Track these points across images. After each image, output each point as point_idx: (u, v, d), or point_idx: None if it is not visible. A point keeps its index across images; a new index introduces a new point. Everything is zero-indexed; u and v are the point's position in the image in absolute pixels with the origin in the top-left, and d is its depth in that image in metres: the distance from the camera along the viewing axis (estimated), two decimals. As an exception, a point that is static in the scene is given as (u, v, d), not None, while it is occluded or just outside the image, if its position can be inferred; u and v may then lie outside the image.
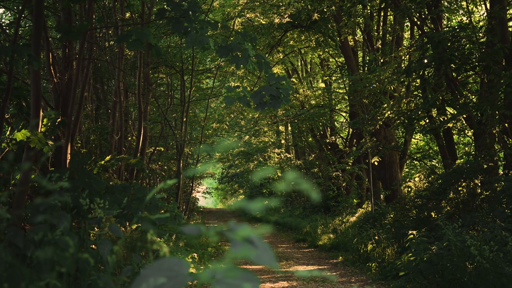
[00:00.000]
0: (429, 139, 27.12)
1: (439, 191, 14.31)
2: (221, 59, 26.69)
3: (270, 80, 7.56)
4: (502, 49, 14.49)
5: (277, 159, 37.38)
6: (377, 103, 21.55)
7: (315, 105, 28.75)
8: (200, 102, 31.71)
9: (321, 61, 32.46)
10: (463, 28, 15.29)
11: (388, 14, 24.32)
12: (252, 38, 7.79)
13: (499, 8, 14.50)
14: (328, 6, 21.30)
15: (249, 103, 7.33)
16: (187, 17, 7.48)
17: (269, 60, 8.05)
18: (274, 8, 24.49)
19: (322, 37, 26.67)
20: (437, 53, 14.74)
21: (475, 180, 13.92)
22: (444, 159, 17.29)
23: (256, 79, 30.01)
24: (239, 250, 1.45)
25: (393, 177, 22.38)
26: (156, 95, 25.62)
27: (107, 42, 18.94)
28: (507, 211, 11.45)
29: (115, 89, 16.95)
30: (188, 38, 7.31)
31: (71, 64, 11.75)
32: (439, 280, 9.90)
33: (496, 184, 12.82)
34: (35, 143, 7.29)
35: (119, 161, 11.68)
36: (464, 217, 12.17)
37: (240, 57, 7.37)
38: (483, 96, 14.74)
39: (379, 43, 23.58)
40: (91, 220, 4.47)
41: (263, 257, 1.46)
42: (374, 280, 12.52)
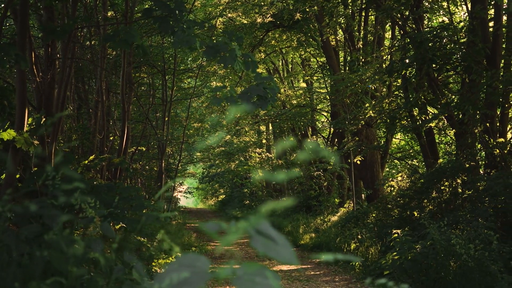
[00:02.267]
0: (410, 139, 27.27)
1: (421, 191, 14.40)
2: (203, 59, 26.66)
3: (257, 80, 7.57)
4: (484, 49, 14.60)
5: (258, 159, 37.38)
6: (359, 103, 21.61)
7: (296, 105, 28.78)
8: (181, 101, 31.64)
9: (302, 61, 32.50)
10: (444, 28, 15.39)
11: (369, 14, 24.39)
12: (238, 38, 7.80)
13: (480, 8, 14.60)
14: (311, 6, 21.32)
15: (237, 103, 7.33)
16: (174, 16, 7.47)
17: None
18: (256, 7, 24.49)
19: (303, 37, 26.72)
20: (419, 53, 14.82)
21: (457, 180, 14.03)
22: (426, 159, 17.39)
23: (238, 78, 30.00)
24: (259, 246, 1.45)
25: (374, 176, 22.46)
26: (138, 94, 25.50)
27: (89, 41, 18.83)
28: (490, 210, 11.55)
29: (97, 88, 16.85)
30: (175, 38, 7.29)
31: (53, 63, 11.65)
32: (424, 279, 9.97)
33: (479, 183, 12.92)
34: (21, 143, 7.24)
35: (103, 160, 11.61)
36: (446, 216, 12.26)
37: (228, 57, 7.37)
38: (464, 96, 14.84)
39: (361, 43, 23.66)
40: (83, 220, 4.44)
41: (283, 253, 1.46)
42: (358, 279, 12.58)
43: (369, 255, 13.83)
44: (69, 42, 9.53)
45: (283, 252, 1.47)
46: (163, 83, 26.49)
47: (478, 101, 14.74)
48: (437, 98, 15.97)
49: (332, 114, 25.95)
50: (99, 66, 16.04)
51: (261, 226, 1.50)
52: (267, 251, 1.46)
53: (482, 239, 9.77)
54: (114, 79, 22.23)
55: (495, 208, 11.89)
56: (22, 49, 7.02)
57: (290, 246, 1.50)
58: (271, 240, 1.48)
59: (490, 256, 9.20)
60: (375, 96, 22.18)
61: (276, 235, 1.49)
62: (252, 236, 1.48)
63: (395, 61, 16.64)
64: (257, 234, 1.48)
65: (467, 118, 14.37)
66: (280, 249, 1.47)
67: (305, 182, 29.55)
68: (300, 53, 30.14)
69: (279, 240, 1.49)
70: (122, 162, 12.38)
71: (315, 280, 12.50)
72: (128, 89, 17.57)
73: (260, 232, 1.49)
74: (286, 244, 1.50)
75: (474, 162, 14.55)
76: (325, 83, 28.91)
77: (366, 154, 21.26)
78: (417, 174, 16.86)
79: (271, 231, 1.51)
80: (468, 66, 14.74)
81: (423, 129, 16.75)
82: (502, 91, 14.22)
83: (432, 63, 14.90)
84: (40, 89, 11.20)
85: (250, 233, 1.48)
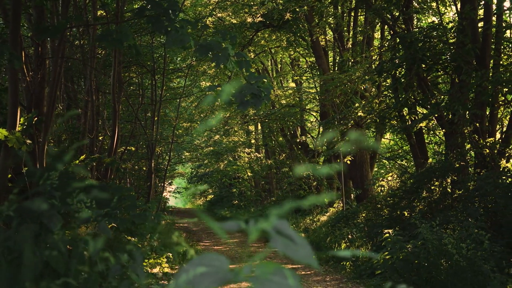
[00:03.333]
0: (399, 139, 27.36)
1: (412, 190, 14.45)
2: (192, 59, 26.63)
3: (250, 79, 7.56)
4: (473, 49, 14.66)
5: (247, 159, 37.38)
6: (349, 103, 21.65)
7: (285, 104, 28.78)
8: (170, 101, 31.57)
9: (291, 61, 32.53)
10: (434, 28, 15.45)
11: (358, 14, 24.44)
12: (232, 37, 7.79)
13: (470, 8, 14.65)
14: (301, 5, 21.33)
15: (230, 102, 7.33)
16: (167, 16, 7.45)
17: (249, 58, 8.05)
18: (246, 7, 24.48)
19: (293, 37, 26.74)
20: (409, 53, 14.86)
21: (447, 179, 14.09)
22: (416, 159, 17.44)
23: (227, 78, 29.99)
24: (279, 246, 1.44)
25: (363, 176, 22.50)
26: (127, 94, 25.42)
27: (78, 41, 18.75)
28: (480, 210, 11.61)
29: (86, 88, 16.79)
30: (169, 37, 7.27)
31: (44, 62, 11.60)
32: (415, 279, 10.00)
33: (469, 183, 12.97)
34: (13, 142, 7.20)
35: (94, 160, 11.57)
36: (437, 216, 12.30)
37: (220, 56, 7.36)
38: (454, 96, 14.89)
39: (350, 43, 23.70)
40: (80, 220, 4.42)
41: (302, 254, 1.46)
42: (349, 279, 12.60)
43: (360, 255, 13.84)
44: (62, 41, 9.49)
45: (302, 253, 1.47)
46: (152, 82, 26.42)
47: (467, 101, 14.80)
48: (427, 98, 16.02)
49: (322, 114, 25.99)
50: (89, 65, 15.98)
51: (280, 225, 1.50)
52: (287, 251, 1.46)
53: (473, 239, 9.82)
54: (103, 79, 22.15)
55: (485, 208, 11.95)
56: (16, 48, 6.99)
57: (309, 246, 1.50)
58: (290, 240, 1.48)
59: (482, 256, 9.25)
60: (365, 96, 22.22)
61: (295, 235, 1.49)
62: (272, 236, 1.47)
63: (385, 61, 16.68)
64: (277, 234, 1.48)
65: (457, 118, 14.42)
66: (300, 249, 1.47)
67: (295, 182, 29.57)
68: (290, 53, 30.17)
69: (298, 240, 1.49)
70: (113, 162, 12.35)
71: (306, 280, 12.52)
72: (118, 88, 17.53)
73: (279, 232, 1.48)
74: (305, 244, 1.50)
75: (464, 162, 14.62)
76: (314, 83, 28.93)
77: (355, 154, 21.30)
78: (407, 174, 16.92)
79: (290, 231, 1.50)
80: (458, 66, 14.80)
81: (413, 130, 16.79)
82: (492, 91, 14.28)
83: (422, 63, 14.96)
84: (31, 89, 11.14)
85: (270, 232, 1.47)
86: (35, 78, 11.22)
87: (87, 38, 18.69)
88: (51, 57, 13.59)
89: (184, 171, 52.03)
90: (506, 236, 10.82)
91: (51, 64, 14.10)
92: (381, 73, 16.35)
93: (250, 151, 37.22)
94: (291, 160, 32.62)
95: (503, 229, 11.06)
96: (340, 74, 20.25)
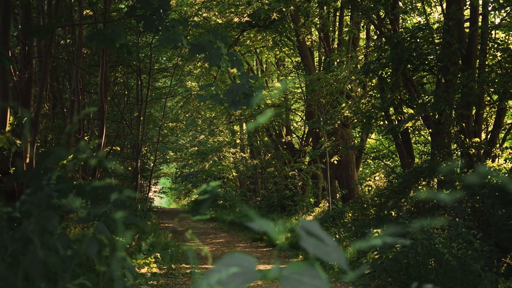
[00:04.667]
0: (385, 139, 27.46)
1: (399, 190, 14.49)
2: (178, 58, 26.58)
3: (242, 78, 7.56)
4: (460, 50, 14.72)
5: (232, 159, 37.37)
6: (335, 103, 21.70)
7: (271, 104, 28.79)
8: (155, 101, 31.49)
9: (277, 61, 32.55)
10: (421, 28, 15.50)
11: (344, 14, 24.51)
12: (223, 37, 7.78)
13: (456, 9, 14.71)
14: (287, 5, 21.36)
15: (222, 102, 7.32)
16: (158, 15, 7.43)
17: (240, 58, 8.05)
18: (232, 7, 24.46)
19: (278, 37, 26.76)
20: (396, 53, 14.89)
21: (434, 179, 14.15)
22: (402, 159, 17.51)
23: (212, 78, 29.96)
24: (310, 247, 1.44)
25: (349, 176, 22.58)
26: (112, 94, 25.32)
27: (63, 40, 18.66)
28: (468, 209, 11.66)
29: (73, 87, 16.70)
30: (161, 36, 7.26)
31: (30, 62, 11.53)
32: (404, 278, 10.03)
33: (456, 183, 13.03)
34: (3, 142, 7.15)
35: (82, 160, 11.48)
36: (424, 215, 12.35)
37: (213, 55, 7.36)
38: (440, 96, 14.94)
39: (336, 43, 23.76)
40: (78, 220, 4.39)
41: (332, 255, 1.45)
42: (337, 279, 12.62)
43: (348, 255, 13.88)
44: (51, 41, 9.43)
45: (332, 253, 1.47)
46: (137, 82, 26.33)
47: (453, 101, 14.87)
48: (413, 98, 16.09)
49: (307, 114, 26.04)
50: (76, 65, 15.90)
51: (310, 227, 1.50)
52: (317, 252, 1.46)
53: (463, 238, 9.86)
54: (89, 78, 22.05)
55: (473, 208, 12.01)
56: (5, 47, 6.93)
57: (338, 247, 1.50)
58: (320, 241, 1.48)
59: (472, 255, 9.29)
60: (351, 96, 22.28)
61: (325, 236, 1.49)
62: (302, 237, 1.47)
63: (372, 61, 16.72)
64: (307, 235, 1.47)
65: (444, 118, 14.48)
66: (330, 250, 1.47)
67: (280, 182, 29.59)
68: (275, 53, 30.19)
69: (328, 241, 1.49)
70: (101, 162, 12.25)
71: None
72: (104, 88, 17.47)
73: (310, 232, 1.48)
74: (335, 245, 1.49)
75: (451, 162, 14.69)
76: (300, 83, 28.95)
77: (342, 154, 21.36)
78: (394, 174, 16.98)
79: (320, 232, 1.50)
80: (444, 67, 14.85)
81: (400, 130, 16.85)
82: (478, 91, 14.37)
83: (409, 63, 15.00)
84: (18, 88, 11.08)
85: (300, 233, 1.47)
86: (22, 78, 11.16)
87: (73, 37, 18.59)
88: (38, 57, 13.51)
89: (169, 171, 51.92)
90: (493, 236, 10.88)
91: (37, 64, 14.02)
92: (368, 73, 16.39)
93: (235, 151, 37.21)
94: (276, 160, 32.65)
95: (491, 229, 11.13)
96: (326, 74, 20.29)
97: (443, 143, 14.94)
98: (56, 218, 4.02)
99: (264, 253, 18.14)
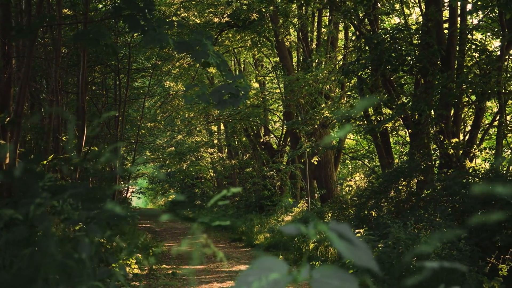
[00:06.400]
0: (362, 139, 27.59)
1: (380, 190, 14.57)
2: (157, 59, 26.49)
3: (228, 78, 7.55)
4: (439, 51, 14.84)
5: (209, 159, 37.31)
6: (314, 103, 21.76)
7: (249, 104, 28.78)
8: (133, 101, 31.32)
9: (255, 61, 32.56)
10: (400, 30, 15.60)
11: (323, 15, 24.60)
12: (208, 37, 7.77)
13: (435, 10, 14.81)
14: (269, 5, 21.38)
15: (209, 101, 7.31)
16: (144, 15, 7.40)
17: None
18: (212, 7, 24.41)
19: (257, 37, 26.77)
20: (376, 54, 14.96)
21: (414, 179, 14.25)
22: (381, 159, 17.61)
23: (190, 79, 29.90)
24: (343, 249, 1.44)
25: (328, 176, 22.65)
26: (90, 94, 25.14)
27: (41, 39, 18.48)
28: (449, 209, 11.77)
29: (51, 87, 16.55)
30: (146, 37, 7.22)
31: (10, 62, 11.40)
32: (387, 278, 10.08)
33: (437, 183, 13.14)
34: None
35: (63, 161, 11.42)
36: (404, 215, 12.43)
37: (200, 52, 7.34)
38: (419, 96, 15.03)
39: (314, 43, 23.84)
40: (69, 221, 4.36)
41: (363, 257, 1.46)
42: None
43: (329, 255, 13.92)
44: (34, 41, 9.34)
45: (363, 256, 1.47)
46: (115, 82, 26.19)
47: (432, 102, 14.99)
48: (393, 99, 16.19)
49: (286, 114, 26.08)
50: (54, 64, 15.76)
51: (341, 229, 1.50)
52: (348, 254, 1.46)
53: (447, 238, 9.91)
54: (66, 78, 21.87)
55: (453, 208, 12.11)
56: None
57: (369, 250, 1.50)
58: (351, 243, 1.48)
59: (457, 255, 9.37)
60: (330, 96, 22.36)
61: (355, 238, 1.49)
62: (333, 239, 1.47)
63: (352, 62, 16.78)
64: (339, 237, 1.48)
65: (424, 119, 14.58)
66: (361, 253, 1.47)
67: (259, 182, 29.57)
68: (254, 53, 30.19)
69: (359, 244, 1.49)
70: (82, 162, 12.20)
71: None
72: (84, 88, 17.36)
73: (341, 235, 1.48)
74: (365, 247, 1.50)
75: (430, 162, 14.82)
76: (278, 83, 29.00)
77: (321, 154, 21.42)
78: (374, 174, 17.07)
79: (351, 234, 1.51)
80: (424, 67, 14.95)
81: (379, 130, 16.93)
82: (457, 92, 14.49)
83: (388, 64, 15.07)
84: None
85: (332, 236, 1.47)
86: (1, 78, 11.03)
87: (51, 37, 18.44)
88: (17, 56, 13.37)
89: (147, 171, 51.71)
90: (474, 236, 10.98)
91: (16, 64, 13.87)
92: (348, 74, 16.45)
93: (213, 151, 37.13)
94: (254, 160, 32.65)
95: (471, 229, 11.23)
96: (305, 75, 20.34)
97: (423, 144, 15.05)
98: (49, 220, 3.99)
99: (244, 254, 18.13)
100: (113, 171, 23.20)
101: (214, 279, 12.49)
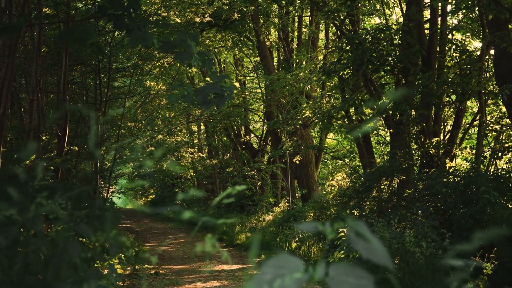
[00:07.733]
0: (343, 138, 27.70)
1: (362, 190, 14.64)
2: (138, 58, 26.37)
3: (212, 78, 7.54)
4: (420, 51, 14.94)
5: (190, 159, 37.26)
6: (295, 103, 21.81)
7: (230, 104, 28.74)
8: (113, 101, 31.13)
9: (235, 61, 32.55)
10: (381, 30, 15.67)
11: (303, 15, 24.65)
12: (193, 36, 7.75)
13: (416, 10, 14.90)
14: (251, 5, 21.37)
15: (193, 102, 7.29)
16: (129, 14, 7.37)
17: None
18: (193, 6, 24.34)
19: (238, 36, 26.75)
20: (357, 54, 15.01)
21: (396, 179, 14.34)
22: (363, 159, 17.69)
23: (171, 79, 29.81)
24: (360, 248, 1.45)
25: (309, 176, 22.70)
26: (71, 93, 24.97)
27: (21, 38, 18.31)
28: (431, 209, 11.85)
29: (32, 86, 16.43)
30: (131, 36, 7.19)
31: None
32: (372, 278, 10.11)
33: (419, 182, 13.22)
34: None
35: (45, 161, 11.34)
36: (386, 214, 12.50)
37: (184, 53, 7.32)
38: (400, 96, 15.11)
39: (295, 43, 23.89)
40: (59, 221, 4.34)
41: (379, 256, 1.47)
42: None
43: (312, 254, 13.96)
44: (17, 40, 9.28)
45: (379, 254, 1.48)
46: (95, 81, 26.02)
47: (413, 102, 15.10)
48: (374, 99, 16.26)
49: (267, 114, 26.11)
50: (35, 63, 15.65)
51: (358, 227, 1.51)
52: (365, 252, 1.47)
53: (430, 237, 10.00)
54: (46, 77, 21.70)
55: (435, 207, 12.20)
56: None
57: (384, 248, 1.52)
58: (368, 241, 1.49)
59: (442, 254, 9.44)
60: (311, 96, 22.42)
61: (372, 237, 1.51)
62: (351, 238, 1.49)
63: (333, 62, 16.84)
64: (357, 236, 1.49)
65: (405, 118, 14.67)
66: (377, 251, 1.48)
67: (239, 182, 29.55)
68: (235, 52, 30.18)
69: (374, 243, 1.51)
70: (64, 162, 12.13)
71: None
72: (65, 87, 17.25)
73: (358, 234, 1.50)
74: (381, 246, 1.51)
75: (412, 162, 14.92)
76: (259, 83, 29.01)
77: (302, 154, 21.47)
78: (356, 173, 17.14)
79: (368, 233, 1.52)
80: (405, 67, 15.04)
81: (362, 130, 16.99)
82: (438, 92, 14.59)
83: (370, 64, 15.13)
84: (-22, 87, 10.86)
85: (349, 235, 1.48)
86: (-18, 77, 10.95)
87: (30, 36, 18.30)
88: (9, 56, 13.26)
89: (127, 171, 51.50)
90: (456, 234, 11.07)
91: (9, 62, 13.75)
92: (329, 74, 16.48)
93: (193, 150, 37.08)
94: (235, 160, 32.65)
95: (454, 227, 11.33)
96: (286, 74, 20.38)
97: (404, 143, 15.14)
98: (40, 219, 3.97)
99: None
100: (94, 171, 23.07)
101: (197, 279, 12.48)
